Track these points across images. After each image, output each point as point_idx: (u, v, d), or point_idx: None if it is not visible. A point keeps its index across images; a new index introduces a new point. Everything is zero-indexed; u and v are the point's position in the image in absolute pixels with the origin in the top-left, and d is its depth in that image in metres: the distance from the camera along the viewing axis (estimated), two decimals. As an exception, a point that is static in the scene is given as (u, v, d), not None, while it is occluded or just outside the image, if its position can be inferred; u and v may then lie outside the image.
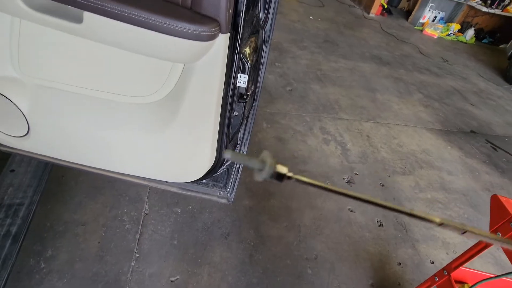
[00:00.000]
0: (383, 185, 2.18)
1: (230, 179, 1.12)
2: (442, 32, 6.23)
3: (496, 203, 0.91)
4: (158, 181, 1.16)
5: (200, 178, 1.00)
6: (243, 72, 0.81)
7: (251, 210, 1.75)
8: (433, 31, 6.15)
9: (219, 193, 1.12)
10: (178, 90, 0.78)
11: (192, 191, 1.12)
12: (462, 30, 6.49)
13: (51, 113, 0.89)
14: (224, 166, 1.08)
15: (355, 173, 2.22)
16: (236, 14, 0.69)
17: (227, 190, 1.12)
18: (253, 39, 0.83)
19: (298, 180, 0.70)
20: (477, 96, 4.15)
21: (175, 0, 0.66)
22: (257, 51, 0.82)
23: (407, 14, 7.06)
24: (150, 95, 0.81)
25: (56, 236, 1.40)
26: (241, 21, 0.70)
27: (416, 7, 6.47)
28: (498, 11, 6.22)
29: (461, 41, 6.44)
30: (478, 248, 0.95)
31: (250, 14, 0.72)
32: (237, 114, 0.94)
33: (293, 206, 1.85)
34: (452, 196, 2.26)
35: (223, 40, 0.69)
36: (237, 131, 1.05)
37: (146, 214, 1.59)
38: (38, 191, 1.33)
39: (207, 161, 0.94)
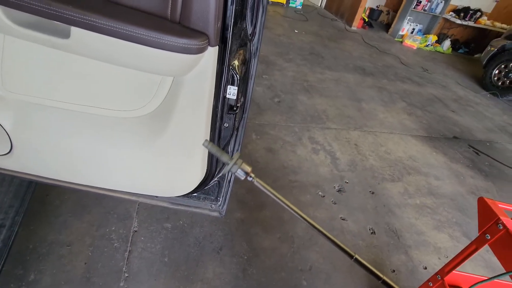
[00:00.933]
0: (373, 193, 2.20)
1: (221, 192, 1.11)
2: (420, 43, 6.51)
3: (483, 206, 0.93)
4: (147, 196, 1.13)
5: (191, 191, 0.98)
6: (233, 84, 0.81)
7: (243, 223, 1.73)
8: (412, 42, 6.41)
9: (211, 206, 1.11)
10: (167, 103, 0.78)
11: (183, 205, 1.10)
12: (439, 41, 6.80)
13: (35, 130, 0.87)
14: (215, 179, 1.07)
15: (345, 182, 2.24)
16: (224, 27, 0.70)
17: (219, 203, 1.10)
18: (241, 51, 0.84)
19: (259, 183, 0.85)
20: (457, 103, 4.31)
21: (164, 14, 0.67)
22: (245, 63, 0.83)
23: (387, 26, 7.36)
24: (139, 109, 0.80)
25: (39, 258, 1.33)
26: (229, 34, 0.71)
27: (395, 20, 6.75)
28: (471, 23, 6.57)
29: (439, 51, 6.73)
30: (469, 251, 0.97)
31: (238, 28, 0.73)
32: (227, 125, 0.94)
33: (285, 216, 1.84)
34: (440, 200, 2.30)
35: (212, 53, 0.70)
36: (228, 143, 1.05)
37: (135, 231, 1.54)
38: (20, 212, 1.27)
39: (198, 174, 0.93)
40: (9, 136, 0.88)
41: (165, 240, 1.53)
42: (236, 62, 0.82)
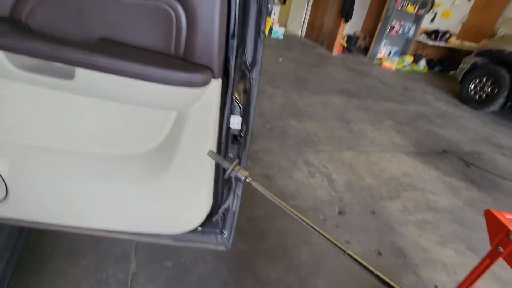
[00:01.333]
0: (373, 212, 2.19)
1: (226, 224, 1.08)
2: (398, 64, 6.85)
3: (490, 218, 0.93)
4: (150, 235, 1.08)
5: (197, 226, 0.95)
6: (236, 114, 0.82)
7: (246, 255, 1.67)
8: (391, 64, 6.74)
9: (217, 240, 1.07)
10: (171, 138, 0.77)
11: (187, 241, 1.05)
12: (415, 61, 7.19)
13: (32, 173, 0.84)
14: (220, 211, 1.04)
15: (345, 203, 2.23)
16: (226, 60, 0.73)
17: (225, 236, 1.06)
18: (242, 82, 0.86)
19: (256, 185, 0.84)
20: (440, 118, 4.47)
21: (167, 51, 0.68)
22: (246, 93, 0.85)
23: (365, 51, 7.76)
24: (142, 145, 0.79)
25: (31, 313, 1.23)
26: (231, 66, 0.73)
27: (372, 44, 7.14)
28: (442, 44, 7.01)
29: (416, 71, 7.09)
30: (483, 266, 0.95)
31: (238, 59, 0.76)
32: (232, 156, 0.93)
33: (289, 244, 1.79)
34: (439, 215, 2.31)
35: (215, 85, 0.71)
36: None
37: (134, 273, 1.46)
38: (11, 263, 1.19)
39: (204, 207, 0.91)
40: (4, 182, 0.84)
41: (166, 280, 1.45)
42: (238, 93, 0.84)
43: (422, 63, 7.12)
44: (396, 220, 2.16)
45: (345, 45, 7.36)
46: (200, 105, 0.72)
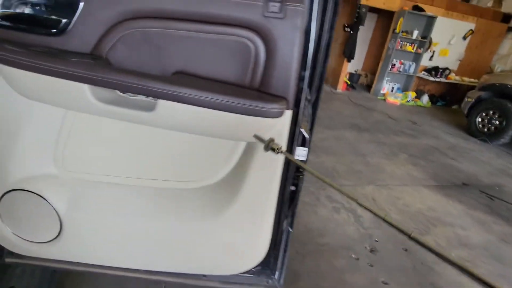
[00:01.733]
0: (406, 250, 2.09)
1: (277, 263, 1.02)
2: (402, 99, 7.04)
3: None
4: (193, 276, 1.02)
5: (253, 267, 0.89)
6: (303, 145, 0.82)
7: (282, 298, 1.56)
8: (395, 99, 6.92)
9: (267, 282, 1.00)
10: (238, 170, 0.76)
11: (236, 283, 0.99)
12: (418, 97, 7.39)
13: (91, 211, 0.81)
14: (274, 250, 0.99)
15: (375, 240, 2.14)
16: (298, 91, 0.74)
17: (276, 277, 1.00)
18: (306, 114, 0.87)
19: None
20: (453, 151, 4.47)
21: (242, 82, 0.70)
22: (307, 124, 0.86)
23: (367, 87, 8.02)
24: (208, 178, 0.78)
25: None
26: (303, 97, 0.75)
27: (375, 81, 7.40)
28: (443, 79, 7.27)
29: (420, 105, 7.25)
30: None
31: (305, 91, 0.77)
32: (294, 189, 0.91)
33: (324, 286, 1.68)
34: (474, 252, 2.20)
35: (288, 115, 0.72)
36: (295, 205, 1.00)
37: (166, 321, 1.35)
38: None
39: (264, 247, 0.86)
40: (60, 219, 0.81)
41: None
42: (304, 124, 0.85)
43: (425, 98, 7.31)
44: (431, 258, 2.05)
45: (349, 82, 7.63)
46: (272, 135, 0.72)
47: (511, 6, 7.45)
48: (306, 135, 0.79)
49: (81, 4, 0.70)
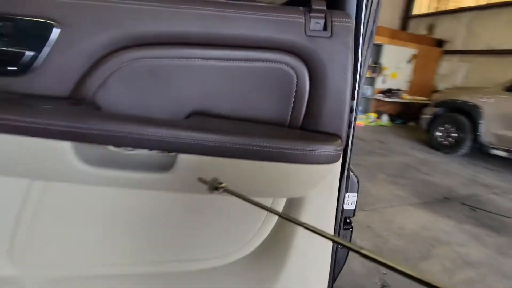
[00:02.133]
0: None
1: None
2: (365, 120, 7.36)
3: None
4: None
5: None
6: (352, 191, 0.64)
7: None
8: (359, 121, 7.21)
9: None
10: (277, 235, 0.55)
11: None
12: (379, 117, 7.80)
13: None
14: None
15: (383, 273, 1.96)
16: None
17: None
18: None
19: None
20: (424, 165, 4.62)
21: (282, 121, 0.52)
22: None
23: (331, 112, 8.33)
24: (233, 252, 0.55)
25: None
26: (353, 133, 0.58)
27: (338, 106, 7.71)
28: (397, 100, 7.80)
29: (382, 125, 7.64)
30: None
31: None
32: (341, 248, 0.71)
33: None
34: (480, 270, 2.12)
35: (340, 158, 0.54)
36: (341, 267, 0.79)
37: None
38: None
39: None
40: None
41: None
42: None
43: (385, 118, 7.74)
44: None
45: (313, 108, 7.87)
46: (321, 185, 0.53)
47: (442, 33, 8.50)
48: (355, 178, 0.62)
49: (56, 31, 0.48)
